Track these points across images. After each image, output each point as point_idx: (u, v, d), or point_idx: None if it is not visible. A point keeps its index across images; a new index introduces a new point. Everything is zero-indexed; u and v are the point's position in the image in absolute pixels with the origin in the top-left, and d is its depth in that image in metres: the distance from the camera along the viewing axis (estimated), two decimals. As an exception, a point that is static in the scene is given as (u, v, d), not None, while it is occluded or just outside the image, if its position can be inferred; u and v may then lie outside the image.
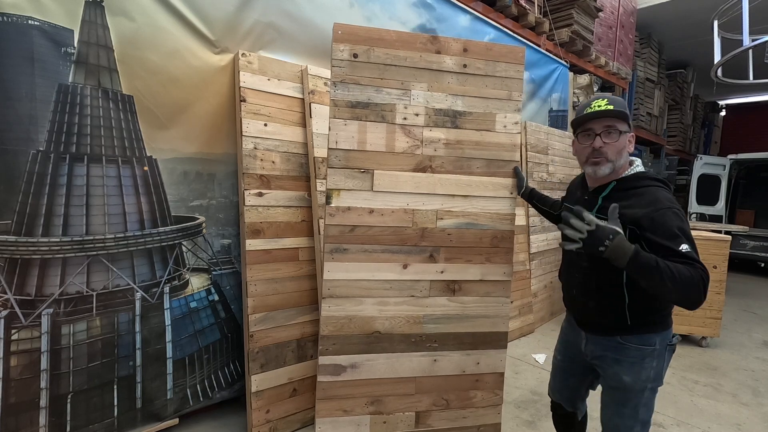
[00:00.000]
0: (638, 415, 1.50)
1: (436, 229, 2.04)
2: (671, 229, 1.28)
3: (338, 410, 1.97)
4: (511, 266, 2.17)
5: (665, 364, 1.52)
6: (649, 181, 1.45)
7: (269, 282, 2.35)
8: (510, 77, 2.10)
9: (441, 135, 2.03)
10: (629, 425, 1.50)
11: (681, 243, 1.26)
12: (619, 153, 1.46)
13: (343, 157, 1.88)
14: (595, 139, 1.46)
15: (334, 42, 1.84)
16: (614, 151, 1.45)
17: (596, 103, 1.46)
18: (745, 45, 4.43)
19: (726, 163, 8.51)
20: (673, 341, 1.53)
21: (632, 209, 1.37)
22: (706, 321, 4.00)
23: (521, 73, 2.11)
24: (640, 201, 1.38)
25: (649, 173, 1.49)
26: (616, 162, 1.47)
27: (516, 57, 2.10)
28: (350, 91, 1.87)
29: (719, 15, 5.11)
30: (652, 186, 1.43)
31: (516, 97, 2.11)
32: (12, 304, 1.82)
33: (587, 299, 1.58)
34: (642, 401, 1.50)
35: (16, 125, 1.79)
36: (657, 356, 1.48)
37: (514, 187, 2.12)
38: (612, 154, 1.46)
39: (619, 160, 1.47)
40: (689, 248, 1.26)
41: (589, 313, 1.60)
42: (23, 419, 1.84)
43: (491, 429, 2.23)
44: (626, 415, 1.50)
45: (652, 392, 1.51)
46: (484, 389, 2.19)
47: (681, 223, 1.31)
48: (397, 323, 2.03)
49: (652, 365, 1.48)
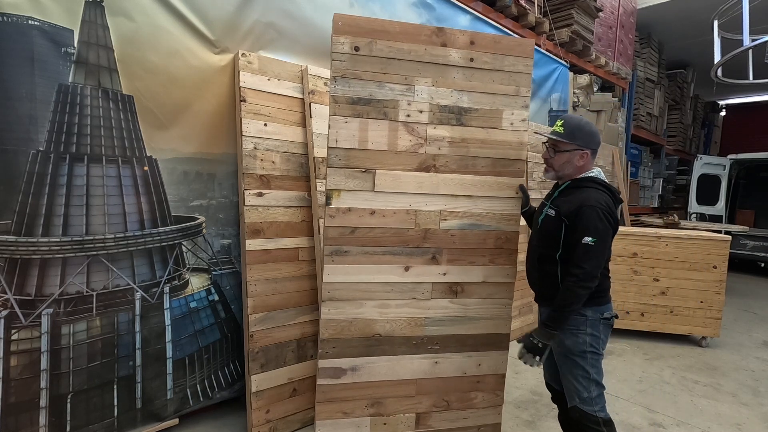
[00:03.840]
0: (590, 375, 1.79)
1: (438, 230, 2.00)
2: (585, 224, 1.67)
3: (338, 412, 1.96)
4: (515, 267, 2.13)
5: (601, 336, 1.81)
6: (593, 184, 1.79)
7: (269, 282, 2.35)
8: (518, 72, 2.02)
9: (445, 133, 1.97)
10: (585, 385, 1.79)
11: (585, 236, 1.66)
12: (562, 165, 1.83)
13: (343, 157, 1.85)
14: (546, 151, 1.89)
15: (335, 34, 1.77)
16: (557, 163, 1.85)
17: (556, 124, 1.84)
18: (745, 45, 4.43)
19: (726, 163, 8.50)
20: (606, 315, 1.81)
21: (569, 204, 1.76)
22: (706, 321, 4.00)
23: (530, 68, 2.04)
24: (576, 197, 1.75)
25: (596, 179, 1.81)
26: (560, 171, 1.86)
27: (525, 50, 2.02)
28: (351, 86, 1.82)
29: (719, 15, 5.11)
30: (591, 188, 1.77)
31: (524, 93, 2.04)
32: (12, 304, 1.82)
33: (533, 270, 1.93)
34: (588, 363, 1.79)
35: (16, 125, 1.79)
36: (590, 325, 1.78)
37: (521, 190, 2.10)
38: (556, 165, 1.85)
39: (563, 170, 1.84)
40: (590, 240, 1.65)
41: (535, 283, 1.95)
42: (23, 419, 1.84)
43: (491, 429, 2.22)
44: (580, 376, 1.80)
45: (594, 356, 1.80)
46: (485, 390, 2.17)
47: (595, 220, 1.66)
48: (398, 326, 2.01)
49: (587, 332, 1.78)
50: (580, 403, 1.80)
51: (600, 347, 1.80)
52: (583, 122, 1.83)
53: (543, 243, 1.85)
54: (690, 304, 4.01)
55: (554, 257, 1.80)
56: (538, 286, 1.94)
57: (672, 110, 9.59)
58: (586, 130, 1.81)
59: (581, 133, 1.79)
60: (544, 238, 1.84)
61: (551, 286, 1.83)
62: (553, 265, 1.82)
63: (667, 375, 3.40)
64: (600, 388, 1.81)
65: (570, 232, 1.73)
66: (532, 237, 1.98)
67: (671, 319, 4.05)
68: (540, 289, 1.94)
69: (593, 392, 1.79)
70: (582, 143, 1.79)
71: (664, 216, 7.61)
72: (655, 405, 2.90)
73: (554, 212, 1.80)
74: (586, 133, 1.80)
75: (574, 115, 1.90)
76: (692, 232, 4.13)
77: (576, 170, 1.84)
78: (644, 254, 4.00)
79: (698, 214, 8.49)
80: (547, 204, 1.88)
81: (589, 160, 1.84)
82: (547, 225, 1.83)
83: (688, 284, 3.99)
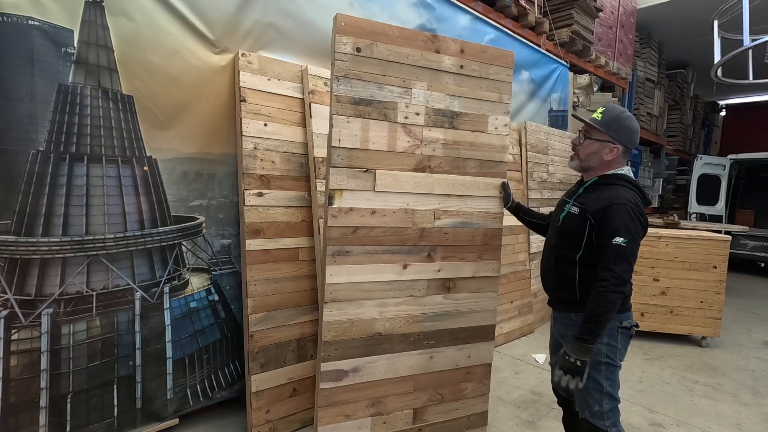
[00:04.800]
0: (603, 388, 1.66)
1: (434, 228, 2.06)
2: (615, 223, 1.55)
3: (340, 416, 1.96)
4: (500, 262, 2.26)
5: (618, 345, 1.67)
6: (621, 181, 1.67)
7: (269, 282, 2.35)
8: (501, 80, 2.16)
9: (439, 135, 2.04)
10: (597, 398, 1.67)
11: (616, 236, 1.53)
12: (588, 155, 1.72)
13: (345, 156, 1.85)
14: (578, 137, 1.77)
15: (337, 33, 1.79)
16: (584, 152, 1.73)
17: (597, 110, 1.71)
18: (745, 45, 4.43)
19: (726, 163, 8.50)
20: (625, 324, 1.67)
21: (595, 201, 1.64)
22: (706, 321, 4.00)
23: (511, 77, 2.19)
24: (604, 195, 1.63)
25: (625, 176, 1.69)
26: (584, 161, 1.74)
27: (506, 61, 2.16)
28: (353, 86, 1.84)
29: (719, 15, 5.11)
30: (620, 185, 1.65)
31: (506, 100, 2.19)
32: (12, 304, 1.82)
33: (549, 272, 1.82)
34: (602, 374, 1.66)
35: (16, 125, 1.79)
36: (607, 334, 1.65)
37: (503, 188, 2.21)
38: (582, 153, 1.74)
39: (588, 161, 1.73)
40: (622, 241, 1.53)
41: (550, 286, 1.86)
42: (23, 419, 1.84)
43: (479, 417, 2.31)
44: (592, 388, 1.67)
45: (610, 367, 1.67)
46: (474, 380, 2.28)
47: (626, 219, 1.54)
48: (397, 323, 2.03)
49: (603, 341, 1.66)
50: (591, 417, 1.68)
51: (617, 358, 1.67)
52: (624, 116, 1.69)
53: (562, 243, 1.73)
54: (690, 304, 4.01)
55: (573, 258, 1.68)
56: (553, 289, 1.83)
57: (672, 110, 9.59)
58: (623, 124, 1.67)
59: (618, 126, 1.66)
60: (564, 238, 1.73)
61: (567, 290, 1.72)
62: (572, 268, 1.69)
63: (667, 375, 3.40)
64: (613, 402, 1.68)
65: (597, 233, 1.60)
66: (550, 236, 1.86)
67: (671, 319, 4.05)
68: (555, 293, 1.83)
69: (605, 406, 1.66)
70: (615, 136, 1.66)
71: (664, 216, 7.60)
72: (655, 405, 2.90)
73: (578, 210, 1.67)
74: (623, 127, 1.67)
75: (618, 106, 1.74)
76: (692, 232, 4.13)
77: (602, 165, 1.71)
78: (644, 254, 4.01)
79: (698, 214, 8.49)
80: (570, 201, 1.75)
81: (619, 157, 1.70)
82: (569, 223, 1.70)
83: (688, 284, 3.99)
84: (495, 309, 2.26)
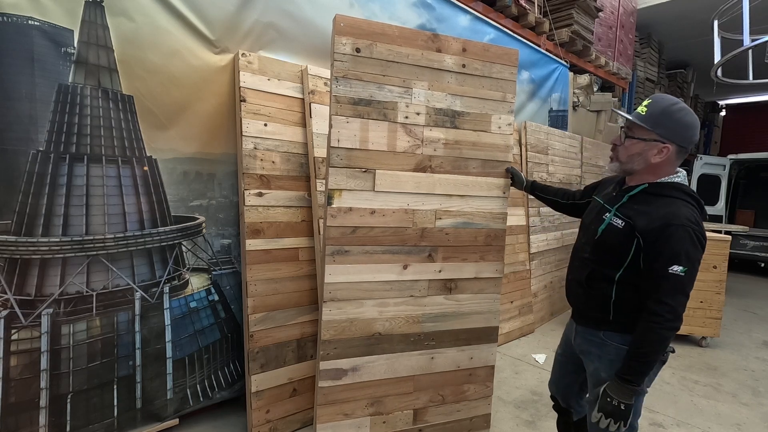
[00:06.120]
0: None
1: (434, 228, 2.05)
2: (674, 248, 1.31)
3: (339, 414, 1.97)
4: (503, 263, 2.23)
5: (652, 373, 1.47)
6: (680, 194, 1.40)
7: (269, 282, 2.35)
8: (504, 79, 2.13)
9: (440, 135, 2.03)
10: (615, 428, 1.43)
11: (674, 264, 1.30)
12: (631, 157, 1.46)
13: (344, 156, 1.86)
14: (618, 136, 1.52)
15: (336, 34, 1.79)
16: (624, 153, 1.47)
17: (643, 103, 1.46)
18: (745, 45, 4.43)
19: (726, 163, 8.50)
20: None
21: (647, 217, 1.38)
22: (706, 321, 4.00)
23: (515, 75, 2.15)
24: (659, 210, 1.37)
25: (683, 186, 1.43)
26: (626, 164, 1.48)
27: (510, 59, 2.13)
28: (352, 87, 1.84)
29: (719, 15, 5.11)
30: (678, 199, 1.39)
31: (509, 99, 2.15)
32: (12, 304, 1.82)
33: (578, 286, 1.61)
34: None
35: (16, 125, 1.79)
36: None
37: (507, 186, 2.17)
38: (622, 155, 1.48)
39: (630, 163, 1.46)
40: (680, 270, 1.30)
41: (578, 300, 1.64)
42: (23, 419, 1.84)
43: (482, 419, 2.29)
44: None
45: (639, 397, 1.48)
46: (476, 382, 2.25)
47: (687, 245, 1.30)
48: (397, 324, 2.03)
49: None
50: None
51: (647, 386, 1.46)
52: (675, 108, 1.39)
53: (599, 258, 1.50)
54: (690, 304, 3.96)
55: (611, 277, 1.46)
56: (582, 306, 1.62)
57: (672, 110, 9.57)
58: (676, 118, 1.37)
59: (669, 121, 1.37)
60: (601, 253, 1.48)
61: (601, 309, 1.51)
62: (608, 286, 1.47)
63: (667, 375, 3.40)
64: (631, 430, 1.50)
65: (647, 256, 1.36)
66: (582, 246, 1.62)
67: (671, 319, 4.05)
68: (585, 310, 1.61)
69: None
70: (665, 134, 1.38)
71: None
72: (655, 405, 2.90)
73: (623, 223, 1.42)
74: (676, 121, 1.37)
75: (668, 96, 1.43)
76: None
77: (649, 169, 1.44)
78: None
79: (698, 214, 8.47)
80: (611, 210, 1.49)
81: (671, 159, 1.41)
82: (609, 237, 1.45)
83: (688, 284, 3.99)
84: (498, 311, 2.24)
